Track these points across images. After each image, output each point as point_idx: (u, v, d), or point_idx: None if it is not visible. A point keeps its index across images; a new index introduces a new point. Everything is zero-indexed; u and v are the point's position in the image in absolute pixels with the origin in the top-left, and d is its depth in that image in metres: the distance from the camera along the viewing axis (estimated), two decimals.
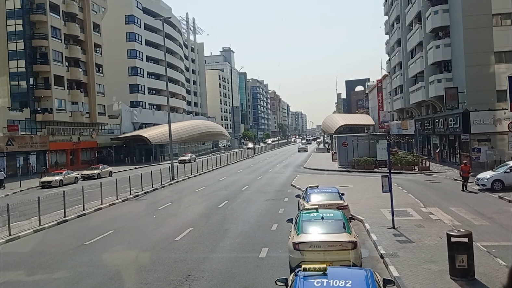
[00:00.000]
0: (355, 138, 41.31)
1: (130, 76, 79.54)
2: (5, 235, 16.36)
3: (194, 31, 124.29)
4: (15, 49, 52.22)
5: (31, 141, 50.90)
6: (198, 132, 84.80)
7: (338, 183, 27.99)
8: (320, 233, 10.85)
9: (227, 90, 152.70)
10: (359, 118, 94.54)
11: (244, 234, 15.59)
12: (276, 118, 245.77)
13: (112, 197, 25.88)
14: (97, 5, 66.19)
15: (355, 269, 8.47)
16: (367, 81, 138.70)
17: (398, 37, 57.26)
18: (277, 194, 26.03)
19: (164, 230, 16.97)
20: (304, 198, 17.04)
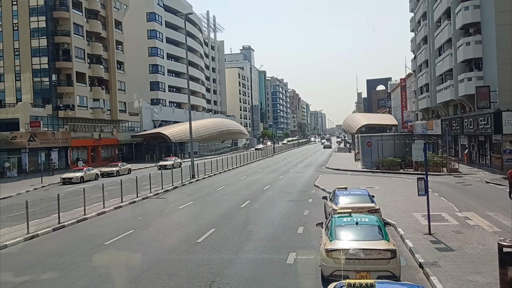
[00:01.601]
0: (380, 138, 40.07)
1: (151, 73, 79.64)
2: (23, 233, 15.95)
3: (215, 29, 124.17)
4: (38, 45, 52.57)
5: (53, 138, 51.16)
6: (218, 130, 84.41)
7: (363, 184, 27.01)
8: (355, 240, 10.00)
9: (246, 88, 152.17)
10: (382, 117, 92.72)
11: (269, 237, 14.82)
12: (295, 117, 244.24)
13: (132, 195, 25.45)
14: (119, 2, 66.31)
15: (405, 284, 7.60)
16: (389, 80, 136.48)
17: (425, 34, 55.58)
18: (300, 194, 25.18)
19: (185, 231, 16.33)
20: (332, 200, 16.17)
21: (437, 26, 49.47)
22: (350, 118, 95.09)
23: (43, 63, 52.75)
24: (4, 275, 11.77)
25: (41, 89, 53.12)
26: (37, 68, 52.82)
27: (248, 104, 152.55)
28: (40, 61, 52.71)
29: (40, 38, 52.54)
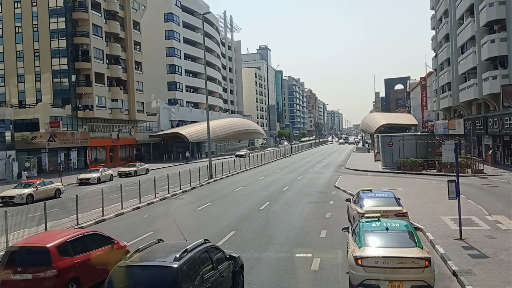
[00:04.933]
0: (401, 138, 39.16)
1: (168, 73, 79.85)
2: None
3: (232, 29, 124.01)
4: (57, 46, 53.03)
5: (72, 138, 51.55)
6: (235, 130, 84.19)
7: (385, 186, 26.34)
8: (386, 247, 9.44)
9: (263, 88, 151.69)
10: (401, 117, 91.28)
11: (291, 241, 14.33)
12: (312, 116, 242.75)
13: (151, 196, 25.24)
14: (137, 3, 66.57)
15: None
16: (407, 79, 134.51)
17: (447, 32, 54.30)
18: (321, 196, 24.60)
19: (204, 233, 15.92)
20: (356, 202, 15.59)
21: (460, 24, 48.24)
22: (368, 118, 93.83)
23: (62, 64, 53.20)
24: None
25: (61, 89, 53.58)
26: (56, 69, 53.29)
27: (265, 104, 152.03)
28: (59, 62, 53.17)
29: (59, 39, 53.00)
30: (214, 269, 8.56)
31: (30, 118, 50.25)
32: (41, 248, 9.80)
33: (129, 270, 7.67)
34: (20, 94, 54.22)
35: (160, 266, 7.61)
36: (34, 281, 9.31)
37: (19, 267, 9.49)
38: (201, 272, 8.07)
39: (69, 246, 10.08)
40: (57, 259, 9.60)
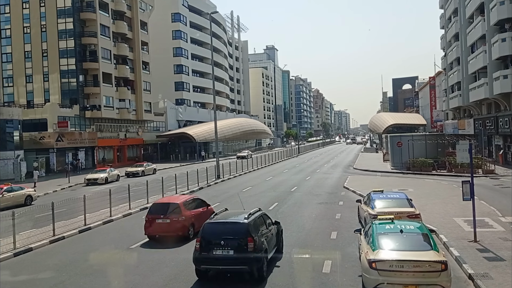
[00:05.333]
0: (410, 138, 38.73)
1: (176, 74, 79.89)
2: (49, 236, 15.68)
3: (239, 29, 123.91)
4: (65, 47, 53.19)
5: (80, 138, 51.66)
6: (242, 130, 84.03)
7: (395, 186, 26.00)
8: (401, 250, 9.17)
9: (270, 88, 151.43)
10: (409, 117, 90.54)
11: (301, 242, 14.09)
12: (319, 117, 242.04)
13: (158, 196, 25.05)
14: (145, 3, 66.63)
15: None
16: (416, 79, 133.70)
17: (456, 31, 53.68)
18: (330, 197, 24.32)
19: None
20: (366, 203, 15.33)
21: (470, 23, 47.66)
22: (376, 118, 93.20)
23: (70, 64, 53.36)
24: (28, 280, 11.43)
25: (69, 89, 53.73)
26: (64, 69, 53.44)
27: (272, 104, 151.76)
28: (67, 62, 53.33)
29: (67, 40, 53.15)
30: (266, 228, 11.97)
31: (38, 118, 50.45)
32: (174, 203, 15.65)
33: (215, 224, 11.22)
34: (29, 94, 54.46)
35: (237, 222, 11.14)
36: (171, 223, 14.97)
37: (161, 215, 15.16)
38: (260, 228, 11.46)
39: (188, 204, 16.03)
40: (184, 210, 15.44)
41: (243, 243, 10.58)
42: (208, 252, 10.63)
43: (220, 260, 10.56)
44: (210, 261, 10.66)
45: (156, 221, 15.11)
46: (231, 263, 10.58)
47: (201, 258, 10.73)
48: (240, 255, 10.46)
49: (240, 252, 10.48)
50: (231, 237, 10.69)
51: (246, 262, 10.47)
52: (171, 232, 14.89)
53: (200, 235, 11.00)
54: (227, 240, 10.66)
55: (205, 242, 10.79)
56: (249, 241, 10.55)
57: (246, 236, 10.60)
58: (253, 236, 10.66)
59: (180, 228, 14.91)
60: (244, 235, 10.65)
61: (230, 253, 10.52)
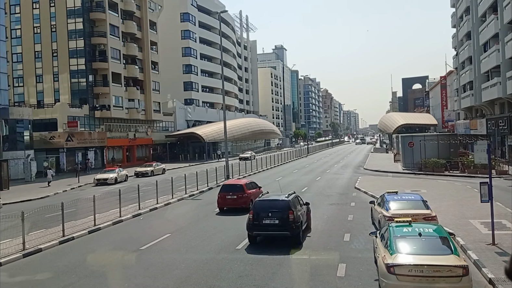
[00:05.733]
0: (422, 138, 38.23)
1: (184, 73, 79.86)
2: (58, 236, 15.55)
3: (247, 28, 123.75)
4: (75, 47, 53.35)
5: (89, 137, 51.78)
6: (251, 130, 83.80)
7: (407, 187, 25.56)
8: (420, 254, 8.86)
9: (279, 88, 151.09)
10: (420, 117, 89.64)
11: (313, 245, 13.80)
12: (328, 117, 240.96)
13: (168, 196, 24.97)
14: (154, 3, 66.70)
15: None
16: (426, 79, 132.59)
17: (468, 29, 52.94)
18: (341, 198, 23.98)
19: (224, 236, 15.54)
20: (380, 205, 14.99)
21: (482, 21, 46.95)
22: (386, 118, 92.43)
23: (80, 64, 53.53)
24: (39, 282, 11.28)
25: (78, 89, 53.91)
26: (74, 69, 53.63)
27: (281, 104, 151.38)
28: (77, 62, 53.51)
29: (77, 40, 53.32)
30: (300, 206, 15.14)
31: (49, 118, 50.66)
32: (240, 184, 21.38)
33: (264, 201, 14.70)
34: (39, 94, 54.74)
35: (280, 199, 14.48)
36: (237, 198, 20.37)
37: (230, 192, 20.67)
38: (296, 206, 14.64)
39: (248, 185, 21.70)
40: (246, 189, 20.95)
41: (285, 215, 13.67)
42: (259, 221, 13.84)
43: (268, 227, 13.83)
44: (261, 228, 13.92)
45: (226, 197, 20.62)
46: (277, 230, 13.80)
47: (254, 226, 13.96)
48: (283, 223, 13.59)
49: (283, 221, 13.61)
50: (277, 210, 13.90)
51: (288, 229, 13.60)
52: (237, 204, 20.20)
53: (252, 209, 14.39)
54: (274, 212, 13.86)
55: (256, 214, 13.94)
56: (290, 213, 13.72)
57: (288, 209, 13.83)
58: (293, 210, 13.90)
59: (244, 202, 20.11)
60: (286, 209, 13.86)
61: (276, 222, 13.73)
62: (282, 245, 13.66)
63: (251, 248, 13.69)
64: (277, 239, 13.98)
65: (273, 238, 14.12)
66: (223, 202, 20.67)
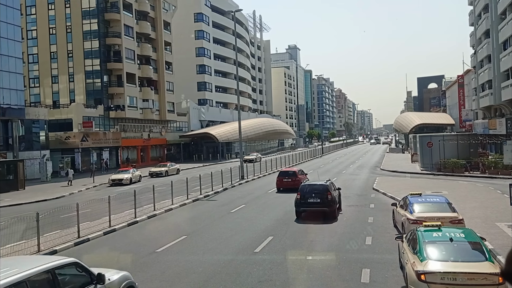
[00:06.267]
0: (441, 138, 37.39)
1: (198, 74, 79.79)
2: (74, 237, 15.34)
3: (261, 28, 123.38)
4: (90, 47, 53.56)
5: (104, 138, 51.91)
6: (264, 130, 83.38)
7: (427, 188, 24.85)
8: (452, 260, 8.36)
9: (292, 88, 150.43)
10: (436, 116, 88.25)
11: (334, 248, 13.33)
12: (341, 116, 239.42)
13: (183, 197, 24.70)
14: (168, 3, 66.71)
15: None
16: (442, 78, 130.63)
17: (487, 27, 51.74)
18: (359, 199, 23.43)
19: (241, 238, 15.16)
20: (403, 207, 14.45)
21: (502, 19, 45.83)
22: (402, 118, 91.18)
23: (95, 65, 53.73)
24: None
25: (93, 90, 54.13)
26: (89, 70, 53.86)
27: (294, 104, 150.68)
28: (92, 62, 53.72)
29: (92, 40, 53.53)
30: (334, 190, 19.30)
31: (64, 118, 50.94)
32: (293, 171, 28.69)
33: (309, 185, 19.00)
34: (54, 94, 55.09)
35: (321, 184, 18.81)
36: (292, 181, 26.95)
37: (286, 177, 27.90)
38: (332, 189, 18.83)
39: (299, 171, 29.01)
40: (298, 174, 28.03)
41: (325, 195, 18.01)
42: (305, 200, 18.22)
43: (312, 204, 18.11)
44: (306, 205, 18.29)
45: (283, 180, 27.84)
46: (318, 206, 18.00)
47: (301, 203, 18.40)
48: (323, 202, 17.90)
49: (324, 200, 17.92)
50: (318, 192, 18.17)
51: (327, 206, 17.95)
52: (290, 185, 26.04)
53: (299, 191, 18.75)
54: (316, 193, 18.16)
55: (303, 195, 18.35)
56: (328, 194, 18.11)
57: (327, 191, 18.19)
58: (330, 192, 18.31)
59: (296, 183, 24.45)
60: (326, 191, 18.20)
61: (318, 201, 18.00)
62: (302, 247, 13.24)
63: (270, 250, 13.30)
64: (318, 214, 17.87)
65: (314, 213, 17.95)
66: (281, 184, 27.78)
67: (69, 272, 7.27)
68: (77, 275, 7.36)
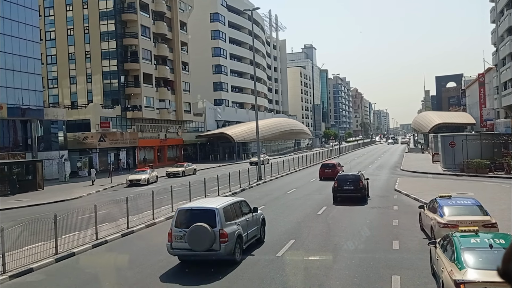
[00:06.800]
0: (464, 138, 36.39)
1: (214, 74, 79.70)
2: (91, 239, 15.08)
3: (277, 28, 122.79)
4: (107, 48, 53.79)
5: (121, 138, 52.05)
6: (281, 130, 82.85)
7: (451, 190, 23.90)
8: (493, 269, 7.74)
9: (308, 87, 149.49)
10: (456, 116, 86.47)
11: (360, 253, 12.78)
12: (357, 116, 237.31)
13: (201, 197, 24.27)
14: (184, 4, 66.70)
15: None
16: (461, 77, 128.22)
17: (509, 24, 50.38)
18: (382, 200, 22.77)
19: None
20: (432, 210, 13.82)
21: None
22: (421, 117, 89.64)
23: (112, 65, 53.95)
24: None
25: (111, 90, 54.36)
26: (106, 70, 54.10)
27: (310, 104, 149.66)
28: (109, 63, 53.96)
29: (109, 41, 53.76)
30: (365, 180, 23.75)
31: (82, 119, 51.26)
32: (332, 163, 36.10)
33: (344, 175, 23.36)
34: (72, 95, 55.51)
35: (354, 174, 23.27)
36: (331, 172, 32.60)
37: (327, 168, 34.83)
38: (363, 178, 23.36)
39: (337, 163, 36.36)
40: (337, 166, 34.62)
41: (357, 183, 22.03)
42: (340, 187, 22.09)
43: (346, 191, 21.98)
44: (342, 191, 22.01)
45: (325, 170, 33.88)
46: (352, 192, 21.87)
47: (337, 190, 22.12)
48: (356, 188, 21.87)
49: (356, 187, 21.91)
50: (352, 181, 22.20)
51: (359, 192, 22.02)
52: (331, 175, 30.20)
53: (336, 180, 22.86)
54: (350, 182, 22.14)
55: (339, 183, 22.34)
56: (360, 183, 22.14)
57: (359, 180, 22.32)
58: (362, 180, 22.55)
59: (335, 174, 27.83)
60: (358, 180, 22.32)
61: (351, 188, 21.92)
62: (327, 250, 12.71)
63: (293, 253, 12.81)
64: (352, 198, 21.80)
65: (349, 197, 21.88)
66: (323, 174, 33.75)
67: (242, 205, 13.68)
68: (245, 206, 13.75)
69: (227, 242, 11.42)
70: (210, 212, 11.84)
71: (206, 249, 11.37)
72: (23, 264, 12.12)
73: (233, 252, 11.76)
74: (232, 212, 12.49)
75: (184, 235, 11.57)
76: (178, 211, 12.38)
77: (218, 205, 12.08)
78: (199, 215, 11.92)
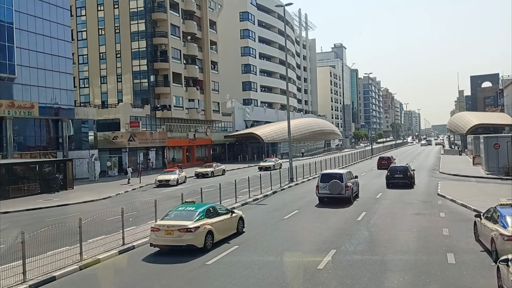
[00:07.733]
0: (509, 139, 34.10)
1: (243, 73, 78.87)
2: (118, 245, 14.24)
3: (306, 27, 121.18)
4: (137, 47, 53.72)
5: (151, 137, 51.83)
6: (311, 130, 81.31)
7: (499, 195, 22.23)
8: None
9: (338, 87, 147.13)
10: (494, 116, 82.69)
11: (411, 268, 11.41)
12: (388, 117, 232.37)
13: (231, 200, 23.43)
14: (214, 3, 66.15)
15: None
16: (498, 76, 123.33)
17: None
18: (425, 206, 21.16)
19: (299, 251, 13.54)
20: (491, 220, 12.32)
21: None
22: (458, 118, 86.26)
23: (142, 65, 53.86)
24: None
25: (140, 90, 54.26)
26: (136, 70, 54.04)
27: (340, 104, 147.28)
28: (139, 63, 53.89)
29: (139, 40, 53.68)
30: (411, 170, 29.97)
31: (112, 118, 51.31)
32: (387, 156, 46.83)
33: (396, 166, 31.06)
34: (103, 94, 55.73)
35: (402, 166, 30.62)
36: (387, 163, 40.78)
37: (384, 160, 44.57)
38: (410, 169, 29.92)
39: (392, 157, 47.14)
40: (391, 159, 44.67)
41: (406, 173, 28.33)
42: (392, 176, 28.39)
43: (397, 178, 28.14)
44: (393, 179, 28.26)
45: (381, 162, 43.36)
46: (401, 180, 28.04)
47: (390, 178, 28.44)
48: (405, 177, 28.15)
49: (405, 176, 28.22)
50: (401, 171, 28.53)
51: (407, 179, 28.08)
52: (387, 166, 36.34)
53: (388, 170, 29.38)
54: (400, 171, 28.44)
55: (391, 172, 28.67)
56: (408, 172, 28.41)
57: (407, 170, 28.60)
58: (409, 170, 28.73)
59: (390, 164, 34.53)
60: (406, 170, 28.61)
61: (401, 176, 28.16)
62: (373, 265, 11.43)
63: (336, 267, 11.58)
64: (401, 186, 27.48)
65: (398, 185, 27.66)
66: (380, 164, 43.01)
67: (352, 174, 25.14)
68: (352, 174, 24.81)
69: (348, 189, 22.07)
70: (340, 174, 22.61)
71: (338, 193, 21.87)
72: (45, 271, 11.35)
73: (351, 196, 22.68)
74: (349, 176, 23.59)
75: (326, 186, 22.14)
76: (322, 174, 23.51)
77: (343, 172, 23.30)
78: (334, 176, 22.53)
